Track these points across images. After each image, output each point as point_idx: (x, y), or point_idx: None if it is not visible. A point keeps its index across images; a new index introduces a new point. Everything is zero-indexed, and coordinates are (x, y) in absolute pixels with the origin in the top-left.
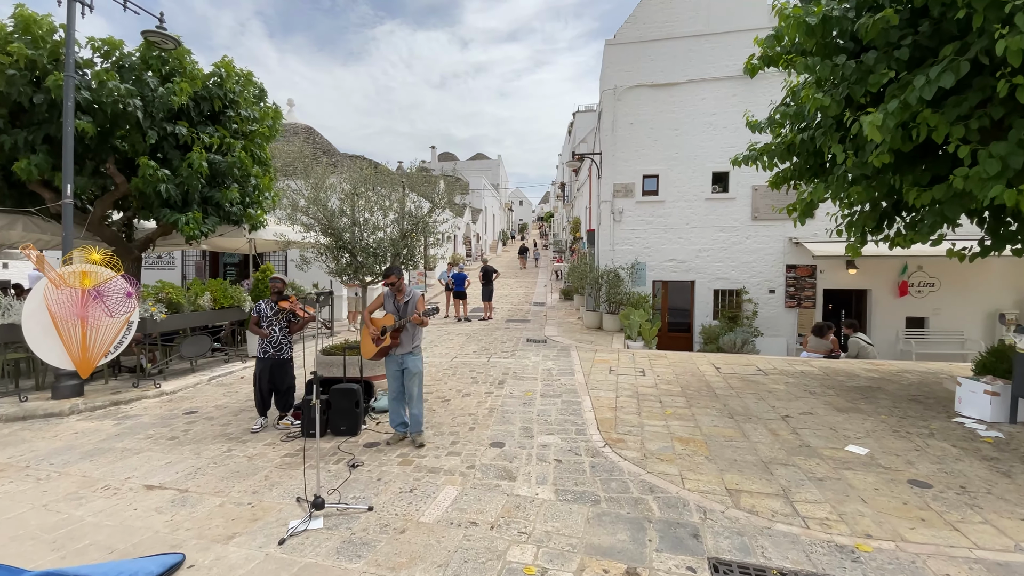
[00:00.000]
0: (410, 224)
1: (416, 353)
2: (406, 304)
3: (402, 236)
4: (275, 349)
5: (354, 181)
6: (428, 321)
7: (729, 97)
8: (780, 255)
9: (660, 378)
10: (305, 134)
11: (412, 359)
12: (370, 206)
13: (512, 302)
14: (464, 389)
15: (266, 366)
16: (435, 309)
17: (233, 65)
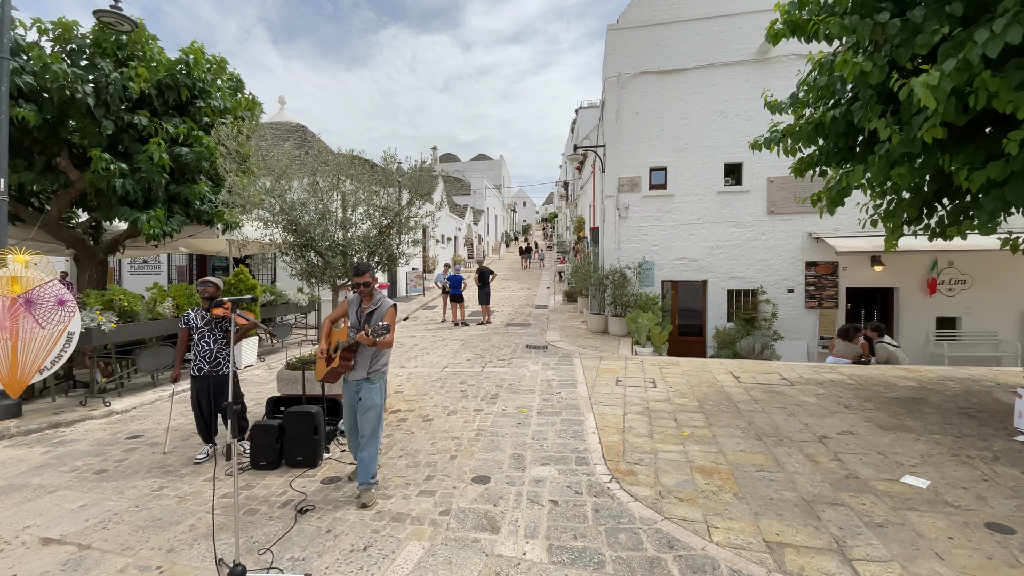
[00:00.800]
0: (387, 218)
1: (375, 381)
2: (370, 315)
3: (378, 232)
4: (211, 364)
5: (315, 169)
6: (381, 342)
7: (742, 83)
8: (799, 251)
9: (673, 390)
10: (297, 133)
11: (368, 388)
12: (344, 198)
13: (513, 304)
14: (451, 405)
15: (203, 385)
16: (385, 328)
17: (204, 52)
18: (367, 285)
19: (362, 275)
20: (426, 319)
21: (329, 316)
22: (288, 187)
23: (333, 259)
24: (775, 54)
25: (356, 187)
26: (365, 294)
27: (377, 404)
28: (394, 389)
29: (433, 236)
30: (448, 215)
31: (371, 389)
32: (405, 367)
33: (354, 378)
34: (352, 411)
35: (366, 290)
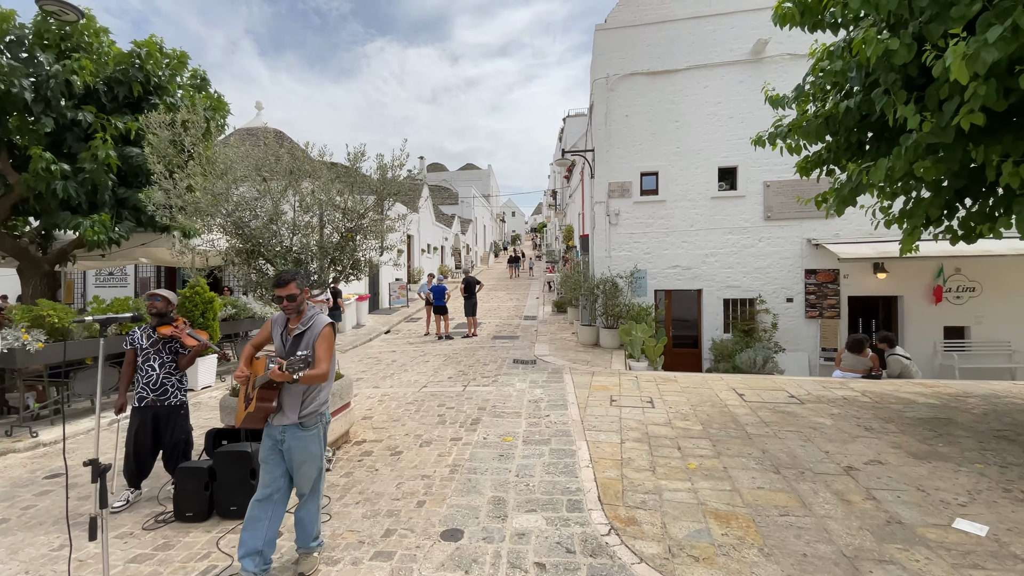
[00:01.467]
0: (350, 221)
1: (310, 426)
2: (298, 339)
3: (340, 237)
4: (155, 392)
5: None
6: (307, 377)
7: (735, 84)
8: (798, 259)
9: (674, 411)
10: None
11: (299, 436)
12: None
13: (501, 316)
14: (425, 434)
15: (145, 417)
16: (304, 361)
17: (160, 45)
18: (292, 299)
19: (284, 286)
20: (408, 332)
21: (252, 340)
22: (235, 186)
23: (281, 265)
24: (770, 54)
25: (313, 187)
26: (290, 311)
27: (315, 455)
28: (362, 414)
29: (419, 246)
30: (435, 224)
31: (304, 437)
32: (379, 387)
33: (281, 423)
34: (267, 465)
35: (291, 305)
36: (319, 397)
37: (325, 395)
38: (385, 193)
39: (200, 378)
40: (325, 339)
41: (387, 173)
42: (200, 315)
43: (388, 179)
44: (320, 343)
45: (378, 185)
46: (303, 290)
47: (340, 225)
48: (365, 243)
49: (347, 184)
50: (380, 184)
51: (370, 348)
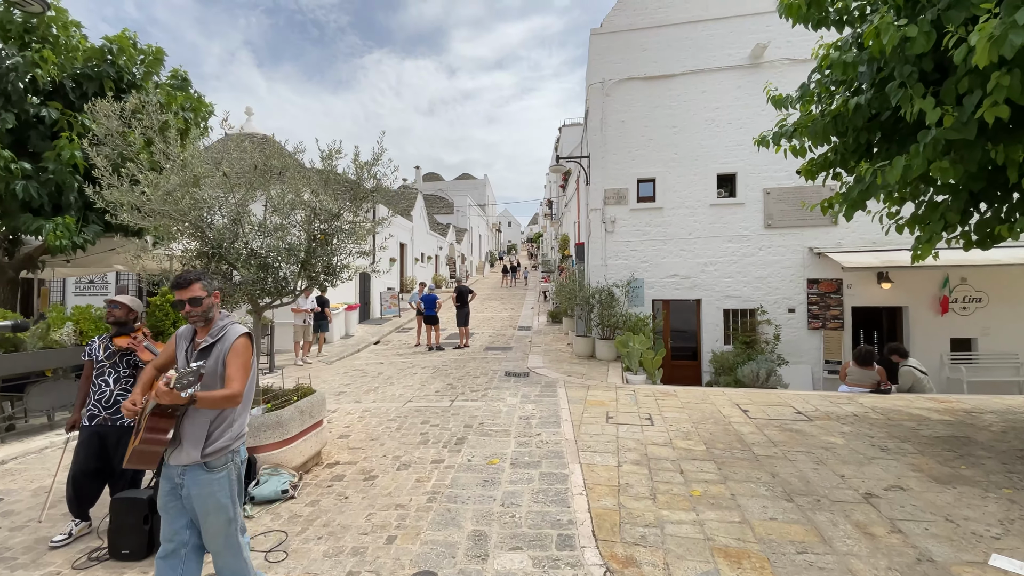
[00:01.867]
0: (322, 222)
1: (217, 466)
2: (205, 353)
3: (312, 239)
4: (108, 410)
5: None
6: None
7: (733, 90)
8: (799, 268)
9: (674, 429)
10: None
11: (201, 479)
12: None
13: (495, 326)
14: (405, 455)
15: (92, 437)
16: (195, 374)
17: (133, 40)
18: (196, 303)
19: (185, 287)
20: (399, 343)
21: (153, 361)
22: (193, 184)
23: (244, 271)
24: (769, 59)
25: (283, 186)
26: (195, 319)
27: (223, 505)
28: (340, 432)
29: (412, 254)
30: (429, 233)
31: (208, 481)
32: (362, 401)
33: (179, 461)
34: (168, 515)
35: (195, 312)
36: (231, 428)
37: (240, 426)
38: (361, 192)
39: None
40: (240, 353)
41: (363, 171)
42: (171, 325)
43: (364, 176)
44: (233, 358)
45: (353, 184)
46: (212, 293)
47: (311, 226)
48: (343, 247)
49: (321, 183)
50: (356, 182)
51: (357, 360)
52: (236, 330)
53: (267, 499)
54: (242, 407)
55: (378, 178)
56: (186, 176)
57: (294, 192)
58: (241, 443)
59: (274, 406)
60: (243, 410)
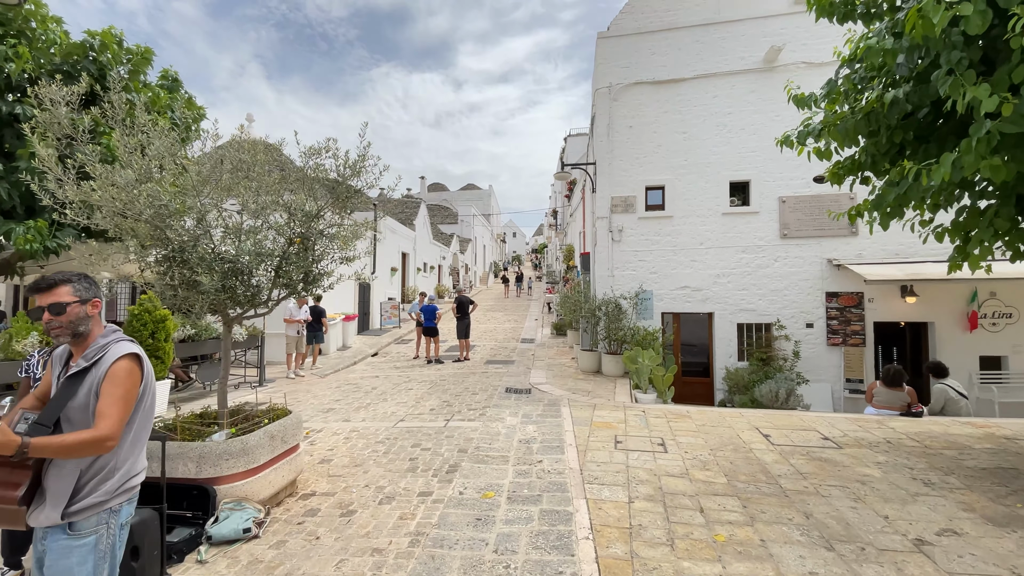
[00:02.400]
0: (298, 224)
1: (83, 531)
2: (74, 380)
3: (288, 243)
4: None
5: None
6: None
7: (746, 94)
8: (818, 280)
9: (690, 457)
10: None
11: (60, 545)
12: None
13: (497, 338)
14: (389, 485)
15: None
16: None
17: (119, 38)
18: (58, 312)
19: (46, 290)
20: (397, 355)
21: (37, 388)
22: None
23: (207, 277)
24: (783, 62)
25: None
26: (60, 333)
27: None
28: (322, 456)
29: (414, 264)
30: (432, 243)
31: (67, 549)
32: (350, 420)
33: (38, 523)
34: None
35: (59, 324)
36: (109, 481)
37: (124, 477)
38: (343, 192)
39: None
40: (117, 381)
41: (347, 169)
42: (149, 335)
43: (346, 174)
44: (108, 387)
45: (334, 183)
46: (88, 302)
47: (289, 229)
48: (326, 252)
49: (299, 181)
50: (338, 181)
51: (352, 373)
52: (118, 350)
53: (226, 539)
54: (128, 450)
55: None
56: (143, 168)
57: (267, 191)
58: (126, 499)
59: (240, 430)
60: (130, 455)
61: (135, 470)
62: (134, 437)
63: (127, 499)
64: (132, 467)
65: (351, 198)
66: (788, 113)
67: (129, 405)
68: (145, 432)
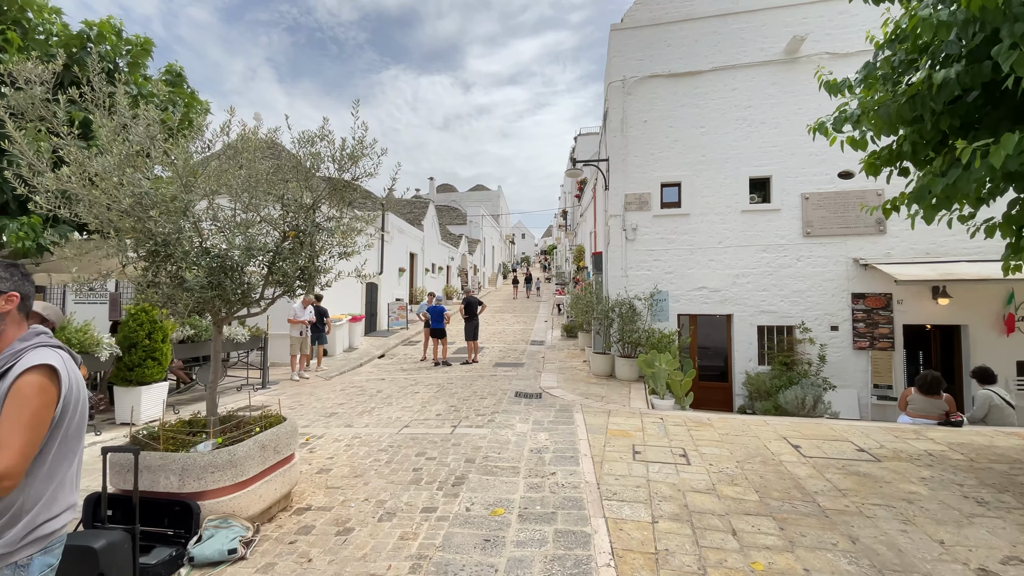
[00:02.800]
0: (292, 216)
1: None
2: None
3: (282, 237)
4: None
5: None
6: None
7: (767, 86)
8: (843, 281)
9: (716, 470)
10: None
11: None
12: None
13: (506, 340)
14: (391, 498)
15: None
16: None
17: (118, 28)
18: None
19: None
20: (404, 357)
21: None
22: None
23: (192, 273)
24: (806, 53)
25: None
26: None
27: None
28: (321, 465)
29: (422, 264)
30: (440, 243)
31: None
32: (353, 425)
33: None
34: None
35: None
36: (13, 527)
37: (33, 522)
38: (340, 182)
39: (144, 408)
40: (23, 400)
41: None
42: (146, 336)
43: (343, 162)
44: (10, 408)
45: (331, 177)
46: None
47: (280, 222)
48: (327, 247)
49: (294, 171)
50: (336, 169)
51: (358, 375)
52: (30, 359)
53: (210, 561)
54: (39, 488)
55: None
56: (122, 153)
57: (259, 181)
58: (38, 550)
59: (228, 440)
60: (42, 494)
61: (52, 512)
62: (48, 471)
63: (40, 549)
64: (46, 509)
65: (349, 188)
66: (811, 105)
67: (37, 431)
68: (67, 463)
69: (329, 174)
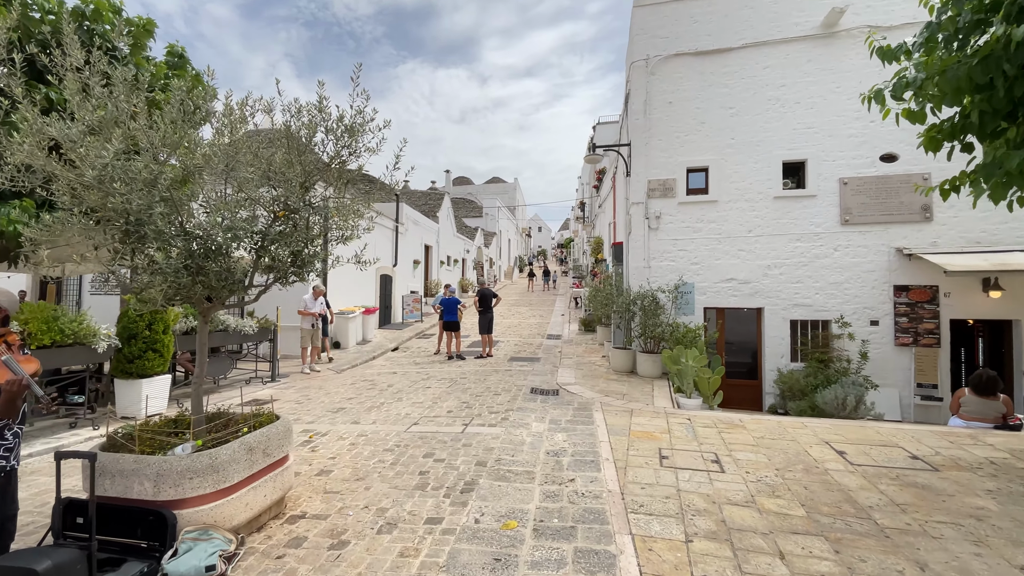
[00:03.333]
0: (281, 192)
1: None
2: None
3: (274, 218)
4: None
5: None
6: None
7: (803, 64)
8: (884, 272)
9: (754, 479)
10: None
11: None
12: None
13: (521, 334)
14: (393, 506)
15: None
16: None
17: (116, 5)
18: None
19: None
20: (418, 350)
21: None
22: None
23: (161, 255)
24: (846, 26)
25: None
26: None
27: None
28: (322, 466)
29: (437, 257)
30: (456, 236)
31: None
32: (360, 422)
33: None
34: None
35: None
36: None
37: None
38: (337, 160)
39: (146, 401)
40: None
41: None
42: (146, 326)
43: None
44: None
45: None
46: None
47: (270, 202)
48: (320, 230)
49: (289, 147)
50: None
51: (370, 368)
52: None
53: None
54: None
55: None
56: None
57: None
58: None
59: (211, 441)
60: None
61: None
62: None
63: None
64: None
65: (346, 165)
66: (851, 83)
67: None
68: None
69: (324, 148)
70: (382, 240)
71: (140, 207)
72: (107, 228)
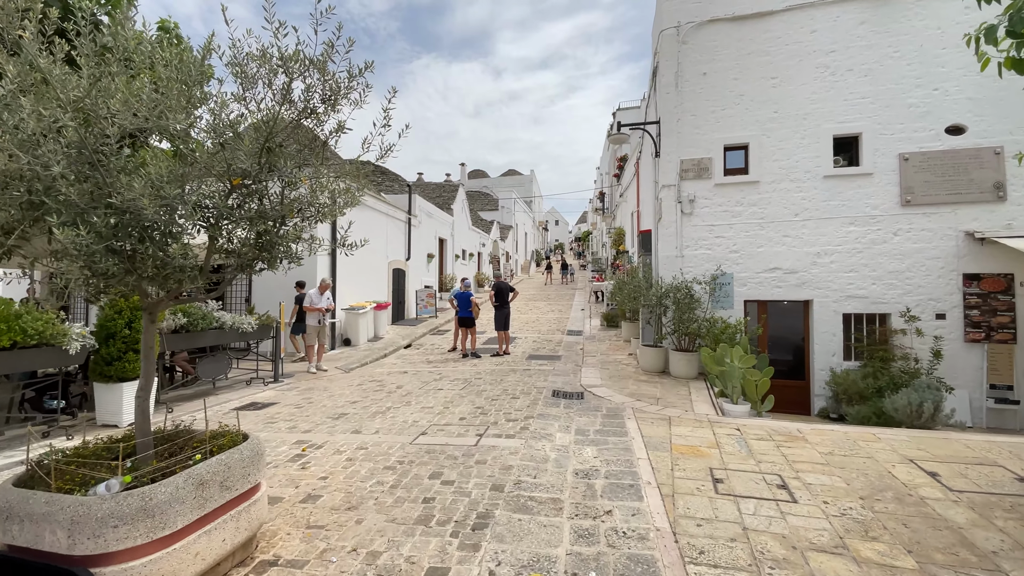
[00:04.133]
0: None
1: None
2: None
3: (230, 188)
4: None
5: None
6: None
7: (855, 27)
8: (951, 259)
9: (836, 511)
10: None
11: None
12: None
13: (540, 329)
14: (388, 548)
15: None
16: None
17: None
18: None
19: None
20: (432, 347)
21: None
22: None
23: (64, 233)
24: None
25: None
26: None
27: None
28: (309, 490)
29: (452, 251)
30: (471, 229)
31: None
32: (361, 432)
33: None
34: None
35: None
36: None
37: None
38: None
39: (125, 409)
40: None
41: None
42: (126, 325)
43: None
44: None
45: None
46: None
47: (221, 165)
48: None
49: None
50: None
51: (380, 367)
52: None
53: None
54: None
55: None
56: None
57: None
58: None
59: (147, 475)
60: None
61: None
62: None
63: None
64: None
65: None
66: (910, 47)
67: None
68: None
69: (288, 95)
70: (394, 232)
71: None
72: (5, 197)
